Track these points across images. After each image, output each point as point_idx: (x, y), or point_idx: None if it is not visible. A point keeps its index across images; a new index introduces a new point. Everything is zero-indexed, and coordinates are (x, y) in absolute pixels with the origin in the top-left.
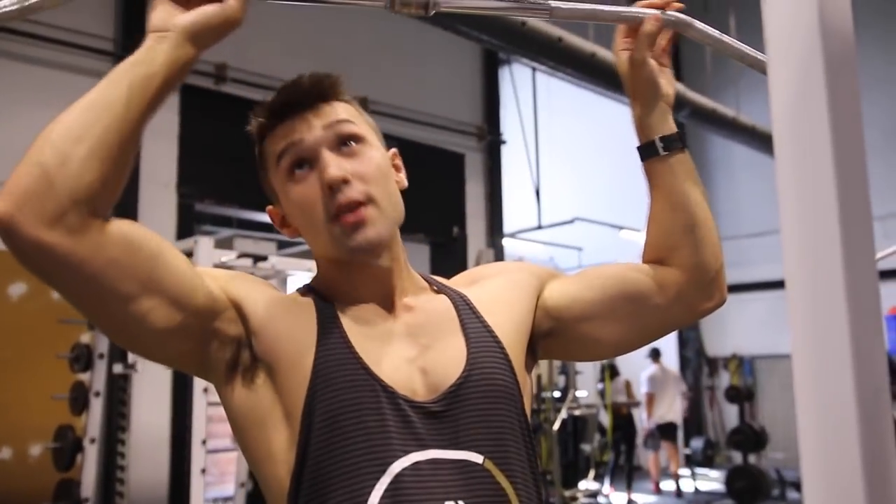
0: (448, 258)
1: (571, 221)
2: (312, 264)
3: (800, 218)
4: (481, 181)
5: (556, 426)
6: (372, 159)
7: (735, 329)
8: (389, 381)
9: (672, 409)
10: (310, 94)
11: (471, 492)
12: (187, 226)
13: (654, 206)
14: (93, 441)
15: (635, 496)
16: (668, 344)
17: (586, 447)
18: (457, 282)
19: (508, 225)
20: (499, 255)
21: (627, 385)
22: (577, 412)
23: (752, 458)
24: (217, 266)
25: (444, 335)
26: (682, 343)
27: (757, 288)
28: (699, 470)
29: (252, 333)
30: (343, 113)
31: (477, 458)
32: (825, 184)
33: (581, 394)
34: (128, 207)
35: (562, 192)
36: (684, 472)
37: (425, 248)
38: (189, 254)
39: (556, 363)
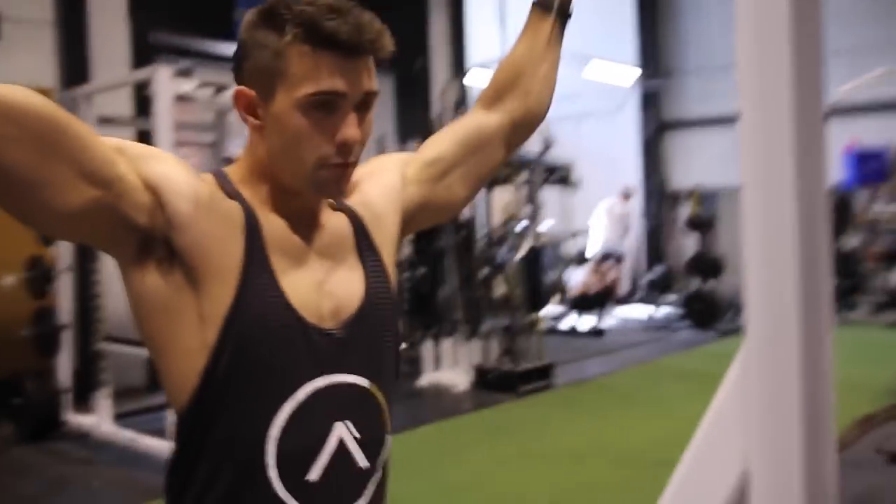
0: (413, 91)
1: None
2: None
3: (755, 53)
4: (444, 13)
5: (518, 256)
6: (371, 126)
7: (699, 162)
8: (301, 309)
9: (613, 240)
10: (369, 43)
11: (358, 412)
12: (143, 56)
13: (520, 47)
14: (66, 270)
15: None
16: (631, 177)
17: (549, 276)
18: None
19: (473, 58)
20: (462, 89)
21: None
22: (541, 241)
23: (711, 284)
24: (177, 98)
25: (345, 259)
26: (647, 176)
27: (722, 122)
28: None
29: (172, 227)
30: (375, 77)
31: (365, 382)
32: (780, 19)
33: (544, 227)
34: (76, 39)
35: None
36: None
37: (389, 81)
38: (145, 85)
39: (522, 195)
